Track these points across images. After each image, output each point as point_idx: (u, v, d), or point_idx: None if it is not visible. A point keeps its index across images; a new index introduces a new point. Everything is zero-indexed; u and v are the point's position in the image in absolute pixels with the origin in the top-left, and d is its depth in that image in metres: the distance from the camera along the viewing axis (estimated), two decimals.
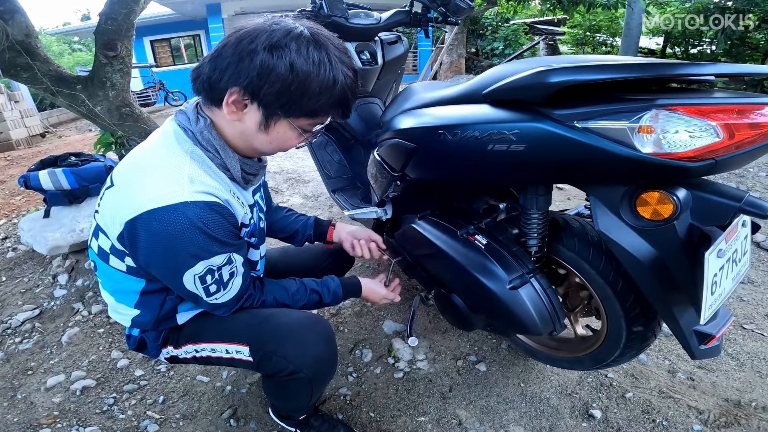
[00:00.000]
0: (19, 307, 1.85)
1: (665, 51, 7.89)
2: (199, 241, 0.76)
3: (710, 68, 0.71)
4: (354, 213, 1.28)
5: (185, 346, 0.97)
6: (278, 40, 0.70)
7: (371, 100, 1.79)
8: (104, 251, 0.86)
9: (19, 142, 6.24)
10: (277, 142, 0.82)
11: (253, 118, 0.77)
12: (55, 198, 2.13)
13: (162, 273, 0.82)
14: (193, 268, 0.78)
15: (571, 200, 2.69)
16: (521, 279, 0.95)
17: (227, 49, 0.73)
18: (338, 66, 0.75)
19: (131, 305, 0.93)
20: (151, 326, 0.96)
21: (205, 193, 0.76)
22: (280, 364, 0.89)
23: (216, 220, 0.77)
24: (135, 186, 0.77)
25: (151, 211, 0.72)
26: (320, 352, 0.92)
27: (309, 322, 0.93)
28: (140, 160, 0.82)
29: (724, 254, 0.74)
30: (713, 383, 1.31)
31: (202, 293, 0.83)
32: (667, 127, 0.67)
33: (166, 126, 0.85)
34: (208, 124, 0.80)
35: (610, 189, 0.80)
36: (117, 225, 0.77)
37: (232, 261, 0.83)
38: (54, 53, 15.20)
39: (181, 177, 0.75)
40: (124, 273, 0.87)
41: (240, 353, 0.91)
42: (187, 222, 0.73)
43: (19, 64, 1.91)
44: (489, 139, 0.82)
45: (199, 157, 0.80)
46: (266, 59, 0.70)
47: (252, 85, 0.72)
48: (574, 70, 0.71)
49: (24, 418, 1.31)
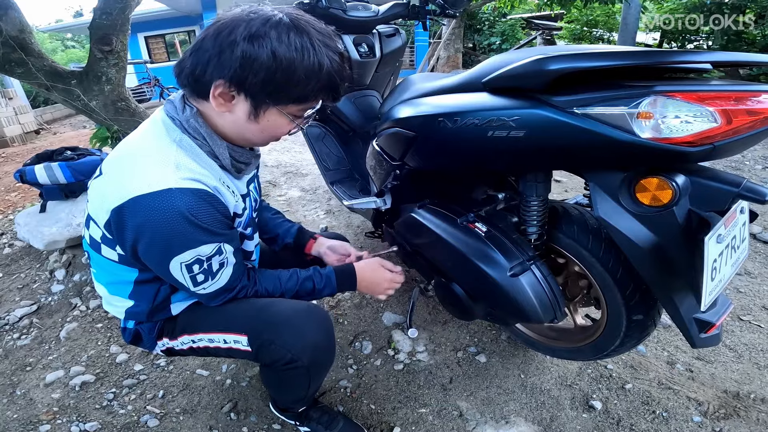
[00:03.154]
0: (16, 302, 1.84)
1: (662, 46, 7.92)
2: (186, 229, 0.75)
3: (707, 56, 0.72)
4: (353, 203, 1.28)
5: (181, 336, 0.96)
6: (257, 29, 0.70)
7: (369, 93, 1.78)
8: (96, 241, 0.85)
9: (13, 139, 6.18)
10: (268, 130, 0.82)
11: (242, 108, 0.77)
12: (51, 192, 2.11)
13: (149, 260, 0.81)
14: (180, 256, 0.78)
15: (568, 192, 2.70)
16: (522, 266, 0.95)
17: (207, 42, 0.72)
18: (322, 50, 0.73)
19: (125, 296, 0.93)
20: (145, 317, 0.95)
21: (192, 179, 0.76)
22: (278, 352, 0.88)
23: (203, 208, 0.77)
24: (122, 174, 0.77)
25: (137, 197, 0.72)
26: (318, 340, 0.92)
27: (307, 310, 0.93)
28: (128, 149, 0.82)
29: (723, 240, 0.75)
30: (712, 375, 1.32)
31: (189, 282, 0.82)
32: (666, 112, 0.68)
33: (155, 116, 0.84)
34: (194, 112, 0.80)
35: (609, 175, 0.80)
36: (104, 212, 0.77)
37: (222, 251, 0.82)
38: (47, 50, 14.97)
39: (167, 164, 0.75)
40: (117, 263, 0.86)
41: (238, 342, 0.91)
42: (173, 209, 0.73)
43: (13, 59, 1.90)
44: (489, 125, 0.82)
45: (187, 144, 0.80)
46: (247, 49, 0.69)
47: (236, 77, 0.71)
48: (573, 58, 0.72)
49: (23, 415, 1.30)
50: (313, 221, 2.40)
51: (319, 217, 2.43)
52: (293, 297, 0.98)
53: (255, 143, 0.88)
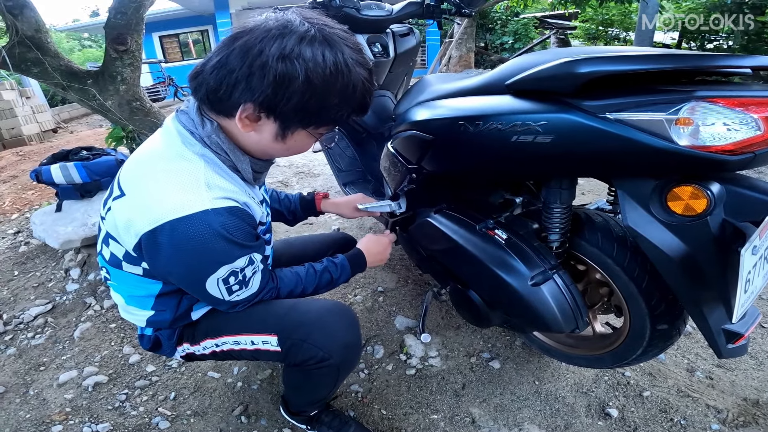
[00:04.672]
0: (31, 301, 1.86)
1: (680, 46, 7.76)
2: (223, 247, 0.75)
3: (748, 61, 0.68)
4: (367, 206, 1.26)
5: (204, 341, 0.95)
6: (291, 49, 0.66)
7: (382, 93, 1.76)
8: (117, 258, 0.84)
9: (31, 138, 6.29)
10: (294, 149, 0.81)
11: (268, 129, 0.75)
12: (66, 192, 2.14)
13: (183, 281, 0.81)
14: (216, 273, 0.77)
15: (585, 195, 2.65)
16: (543, 275, 0.93)
17: (233, 60, 0.68)
18: (355, 69, 0.71)
19: (147, 308, 0.92)
20: (168, 325, 0.95)
21: (224, 198, 0.75)
22: (310, 351, 0.88)
23: (237, 224, 0.76)
24: (149, 195, 0.74)
25: (173, 221, 0.71)
26: (349, 338, 0.93)
27: (335, 309, 0.94)
28: (148, 165, 0.79)
29: (758, 251, 0.71)
30: (732, 382, 1.29)
31: (225, 293, 0.82)
32: (706, 119, 0.64)
33: (168, 127, 0.81)
34: (215, 127, 0.77)
35: (640, 182, 0.77)
36: (132, 236, 0.75)
37: (253, 261, 0.82)
38: (64, 49, 15.32)
39: (198, 183, 0.73)
40: (140, 276, 0.86)
41: (267, 343, 0.90)
42: (210, 230, 0.72)
43: (29, 59, 1.91)
44: (513, 130, 0.79)
45: (210, 159, 0.78)
46: (280, 72, 0.66)
47: (267, 102, 0.69)
48: (605, 60, 0.69)
49: (36, 415, 1.31)
50: (325, 222, 2.39)
51: (331, 218, 2.42)
52: (314, 291, 0.99)
53: (277, 157, 0.88)
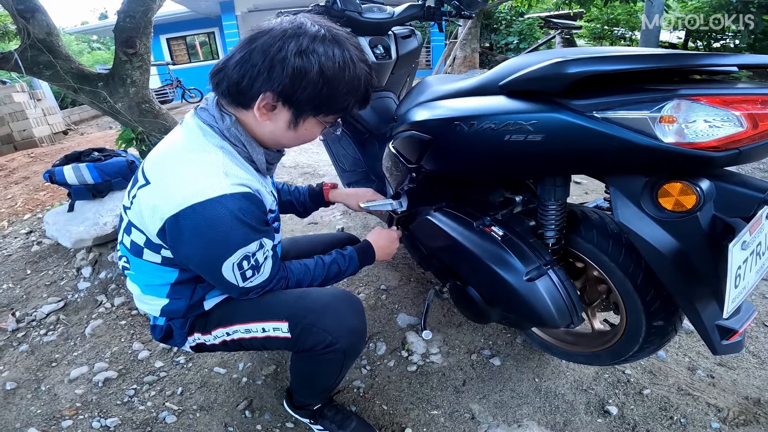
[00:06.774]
0: (44, 299, 1.91)
1: (687, 45, 7.70)
2: (239, 230, 0.81)
3: (733, 59, 0.70)
4: (369, 205, 1.28)
5: (215, 330, 0.99)
6: (307, 46, 0.76)
7: (385, 94, 1.78)
8: (138, 246, 0.90)
9: (42, 140, 6.40)
10: (303, 137, 0.90)
11: (283, 118, 0.84)
12: (79, 192, 2.19)
13: (202, 264, 0.86)
14: (232, 257, 0.82)
15: (589, 194, 2.65)
16: (538, 271, 0.94)
17: (256, 56, 0.77)
18: (359, 65, 0.82)
19: (162, 295, 0.97)
20: (181, 314, 0.99)
21: (241, 185, 0.82)
22: (319, 335, 0.92)
23: (251, 209, 0.83)
24: (173, 182, 0.80)
25: (195, 205, 0.77)
26: (355, 324, 0.97)
27: (343, 296, 0.99)
28: (172, 156, 0.86)
29: (748, 246, 0.73)
30: (733, 381, 1.29)
31: (239, 279, 0.87)
32: (690, 116, 0.66)
33: (189, 123, 0.89)
34: (234, 120, 0.85)
35: (630, 180, 0.78)
36: (157, 221, 0.81)
37: (263, 246, 0.87)
38: (74, 52, 15.46)
39: (217, 171, 0.80)
40: (159, 264, 0.91)
41: (278, 330, 0.94)
42: (229, 213, 0.78)
43: (41, 62, 1.96)
44: (506, 129, 0.81)
45: (228, 151, 0.85)
46: (298, 65, 0.76)
47: (285, 91, 0.78)
48: (593, 61, 0.71)
49: (47, 410, 1.34)
50: (329, 222, 2.41)
51: (335, 217, 2.45)
52: (322, 282, 1.03)
53: (287, 146, 0.94)
